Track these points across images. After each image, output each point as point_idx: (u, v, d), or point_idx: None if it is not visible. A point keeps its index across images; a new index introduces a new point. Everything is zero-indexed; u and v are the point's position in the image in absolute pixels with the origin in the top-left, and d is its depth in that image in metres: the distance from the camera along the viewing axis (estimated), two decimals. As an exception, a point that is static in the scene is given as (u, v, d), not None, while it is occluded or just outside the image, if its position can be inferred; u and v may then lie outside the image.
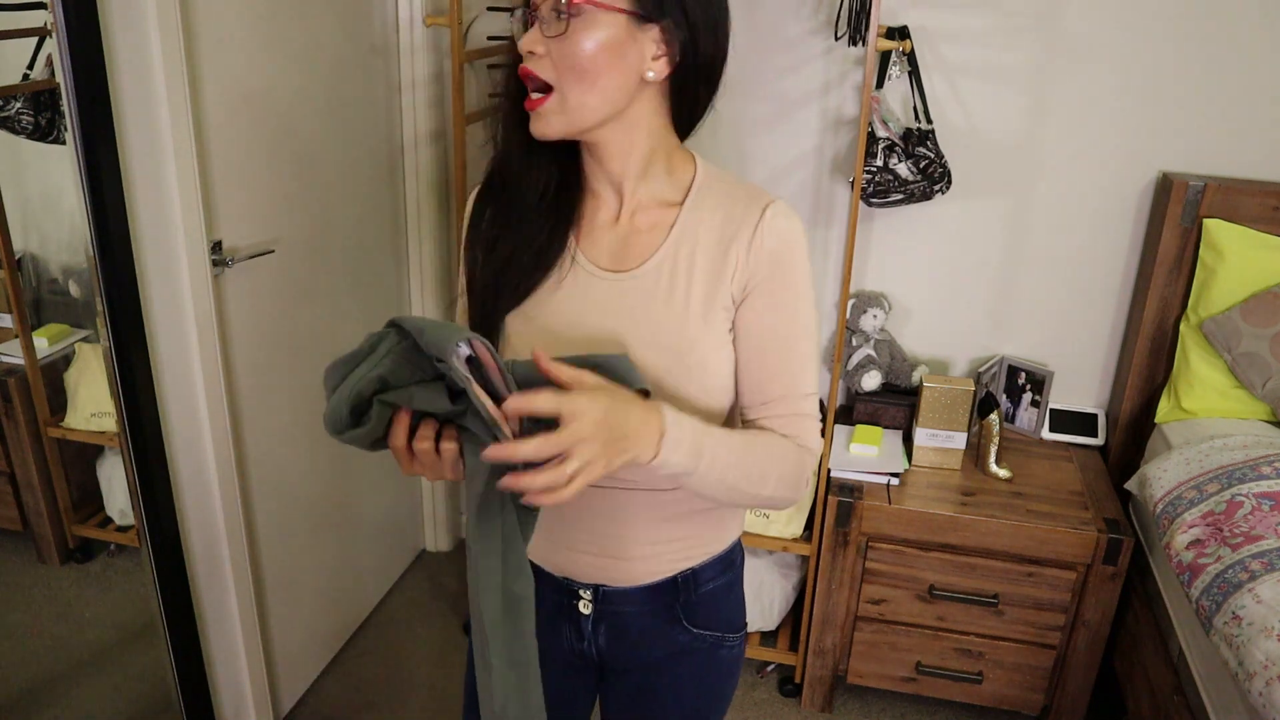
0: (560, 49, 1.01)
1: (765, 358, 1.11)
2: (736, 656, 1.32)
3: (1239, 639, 1.58)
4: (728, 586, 1.27)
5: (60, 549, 2.06)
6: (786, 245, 1.09)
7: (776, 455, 1.08)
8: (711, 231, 1.11)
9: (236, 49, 1.86)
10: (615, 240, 1.14)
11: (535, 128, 1.05)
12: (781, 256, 1.09)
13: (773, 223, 1.09)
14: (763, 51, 2.41)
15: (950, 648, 2.29)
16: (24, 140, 1.74)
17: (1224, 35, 2.22)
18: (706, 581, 1.24)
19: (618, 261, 1.12)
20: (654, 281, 1.10)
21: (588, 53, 1.01)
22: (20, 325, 1.86)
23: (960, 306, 2.56)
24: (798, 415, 1.11)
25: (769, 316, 1.09)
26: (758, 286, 1.09)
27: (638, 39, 1.03)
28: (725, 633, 1.28)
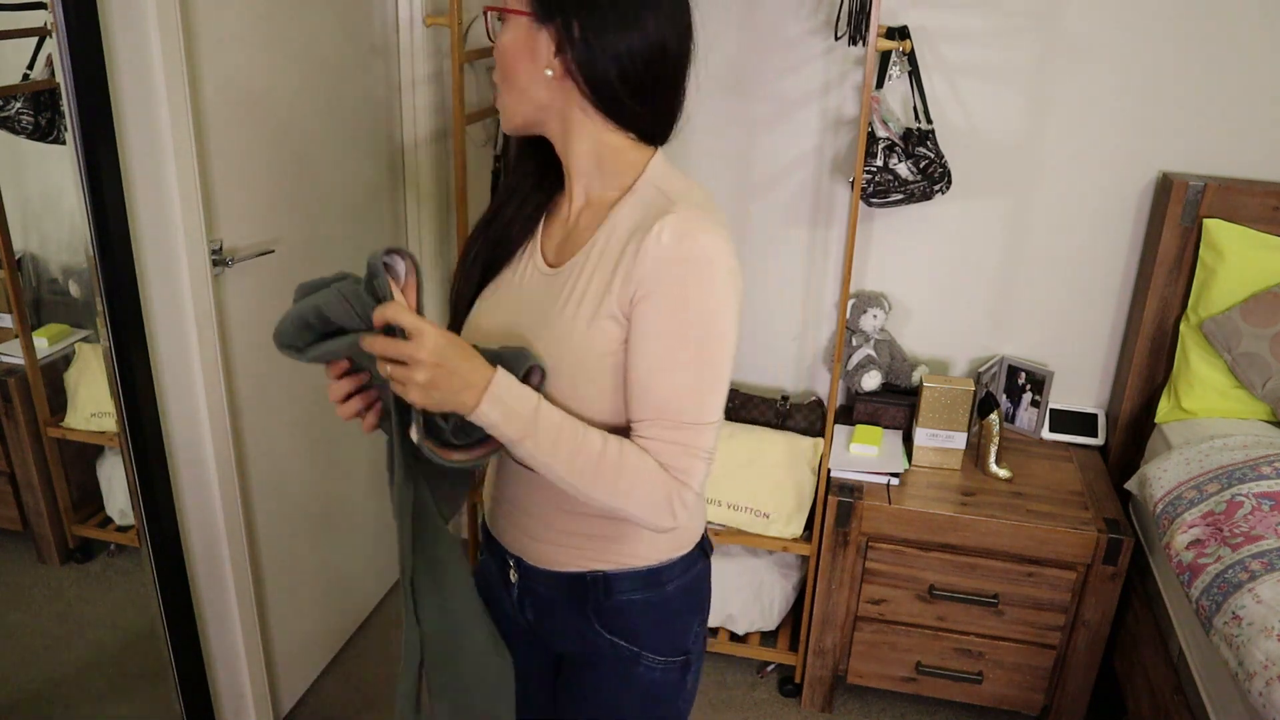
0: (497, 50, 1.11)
1: (635, 380, 1.06)
2: (662, 681, 1.27)
3: (1239, 639, 1.58)
4: (650, 605, 1.23)
5: (60, 549, 2.06)
6: (672, 262, 1.02)
7: (627, 468, 1.04)
8: (623, 236, 1.08)
9: (236, 49, 1.86)
10: (562, 235, 1.17)
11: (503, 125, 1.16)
12: (660, 272, 1.03)
13: (659, 236, 1.03)
14: (763, 51, 2.41)
15: (950, 648, 2.29)
16: (24, 140, 1.74)
17: (1224, 35, 2.22)
18: (621, 592, 1.22)
19: (557, 256, 1.16)
20: (566, 280, 1.12)
21: (503, 54, 1.10)
22: (20, 325, 1.86)
23: (960, 306, 2.56)
24: (673, 444, 1.05)
25: (637, 338, 1.05)
26: (640, 301, 1.04)
27: (538, 39, 1.08)
28: (646, 650, 1.24)
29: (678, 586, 1.25)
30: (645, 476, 1.05)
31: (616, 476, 1.04)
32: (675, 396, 1.05)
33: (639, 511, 1.06)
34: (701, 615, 1.30)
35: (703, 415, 1.06)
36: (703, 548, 1.29)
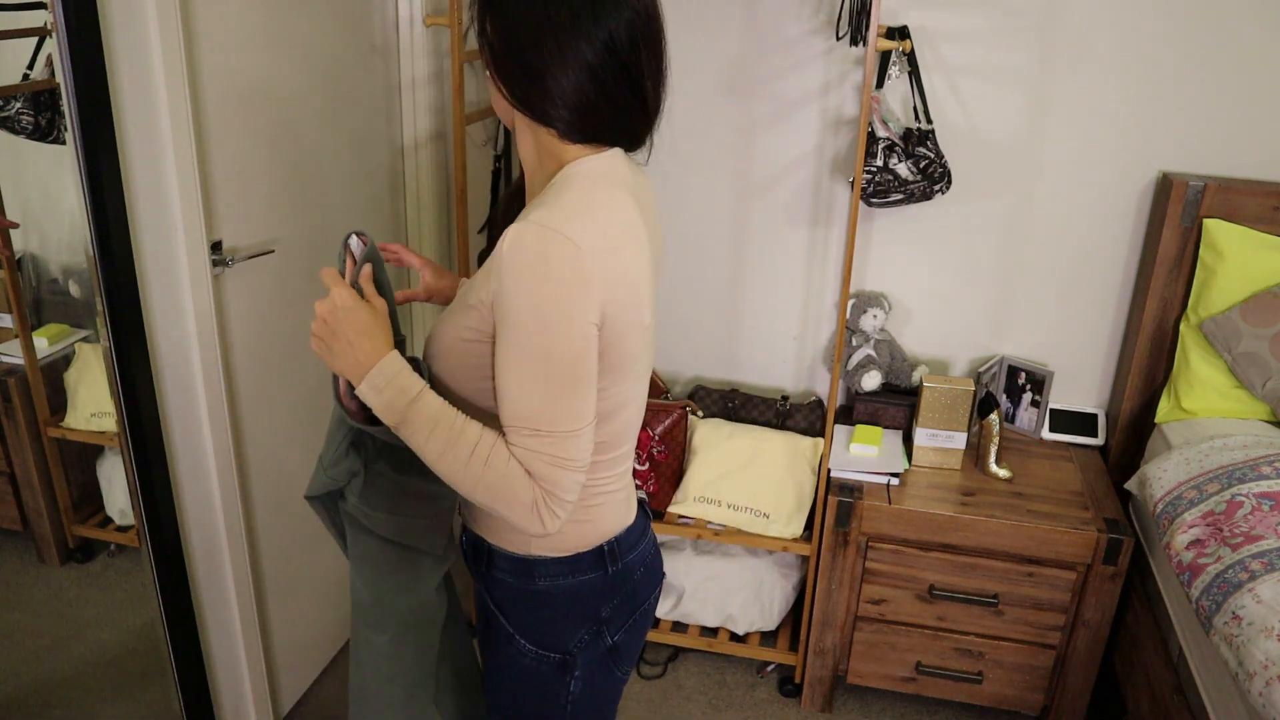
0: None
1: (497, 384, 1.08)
2: (536, 671, 1.27)
3: (1239, 639, 1.58)
4: (520, 592, 1.25)
5: (60, 549, 2.06)
6: (507, 269, 1.03)
7: (494, 468, 1.05)
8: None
9: (236, 49, 1.86)
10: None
11: None
12: (503, 281, 1.03)
13: (501, 243, 1.04)
14: (763, 51, 2.41)
15: (950, 648, 2.29)
16: (24, 140, 1.74)
17: (1224, 36, 2.22)
18: (497, 568, 1.27)
19: None
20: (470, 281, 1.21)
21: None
22: (20, 325, 1.86)
23: (960, 306, 2.56)
24: (536, 454, 1.05)
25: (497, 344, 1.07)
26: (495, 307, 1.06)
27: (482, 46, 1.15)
28: (519, 634, 1.26)
29: (554, 585, 1.24)
30: (511, 481, 1.05)
31: (483, 475, 1.05)
32: (527, 406, 1.05)
33: (507, 513, 1.07)
34: (595, 628, 1.26)
35: (558, 424, 1.05)
36: (602, 560, 1.25)
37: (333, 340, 1.09)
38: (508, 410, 1.06)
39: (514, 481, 1.05)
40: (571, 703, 1.29)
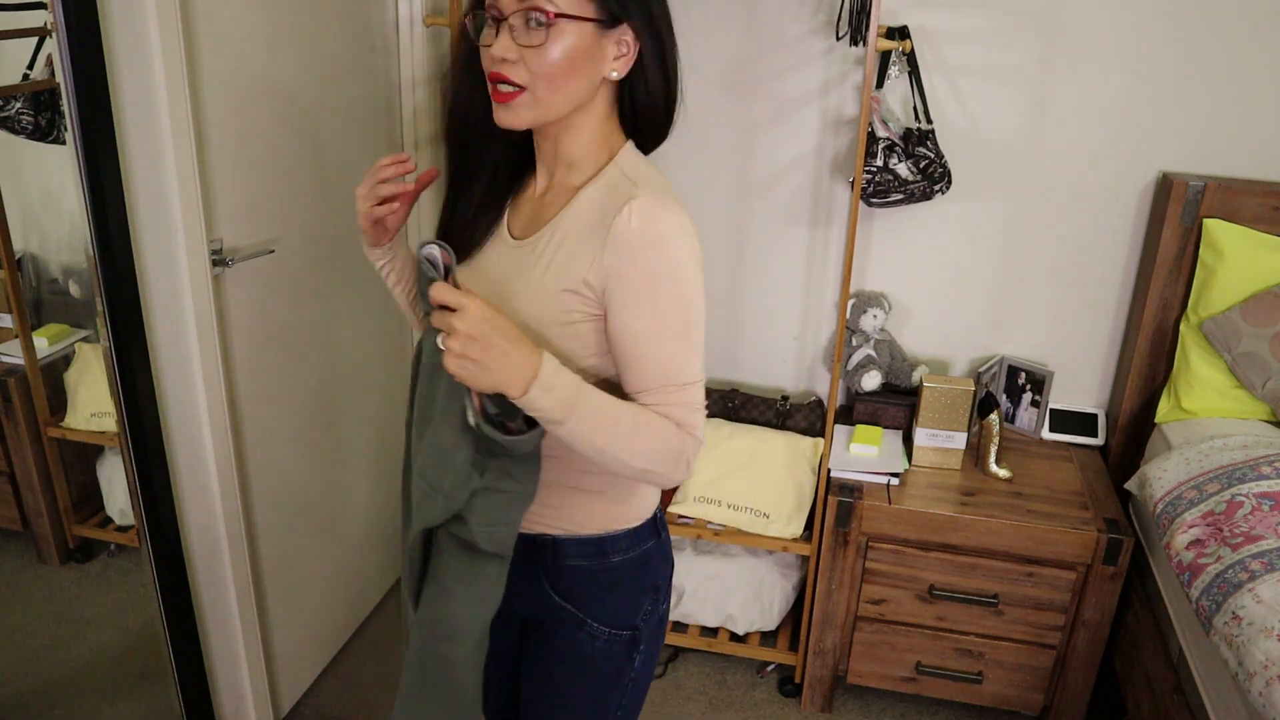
0: (535, 57, 1.09)
1: (629, 358, 1.14)
2: (604, 652, 1.31)
3: (1239, 639, 1.58)
4: (595, 573, 1.29)
5: (60, 549, 2.06)
6: (642, 240, 1.10)
7: (652, 430, 1.11)
8: (588, 217, 1.15)
9: (236, 49, 1.86)
10: (529, 212, 1.24)
11: (502, 118, 1.14)
12: (636, 252, 1.10)
13: (628, 217, 1.10)
14: (763, 51, 2.41)
15: (950, 648, 2.29)
16: (24, 140, 1.74)
17: (1224, 35, 2.22)
18: (569, 556, 1.27)
19: (522, 231, 1.23)
20: (532, 253, 1.18)
21: (559, 61, 1.10)
22: (20, 325, 1.86)
23: (960, 306, 2.56)
24: (675, 404, 1.13)
25: (631, 319, 1.12)
26: (617, 282, 1.11)
27: (601, 44, 1.12)
28: (591, 619, 1.29)
29: (625, 560, 1.30)
30: (664, 436, 1.12)
31: (645, 440, 1.11)
32: (668, 364, 1.13)
33: (662, 468, 1.13)
34: (654, 596, 1.33)
35: (693, 374, 1.14)
36: (655, 526, 1.33)
37: (485, 354, 1.02)
38: (648, 373, 1.13)
39: (668, 435, 1.12)
40: (632, 680, 1.35)
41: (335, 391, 2.38)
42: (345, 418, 2.44)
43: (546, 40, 1.08)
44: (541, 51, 1.09)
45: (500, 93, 1.12)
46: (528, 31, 1.08)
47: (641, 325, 1.12)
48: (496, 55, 1.09)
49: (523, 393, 1.04)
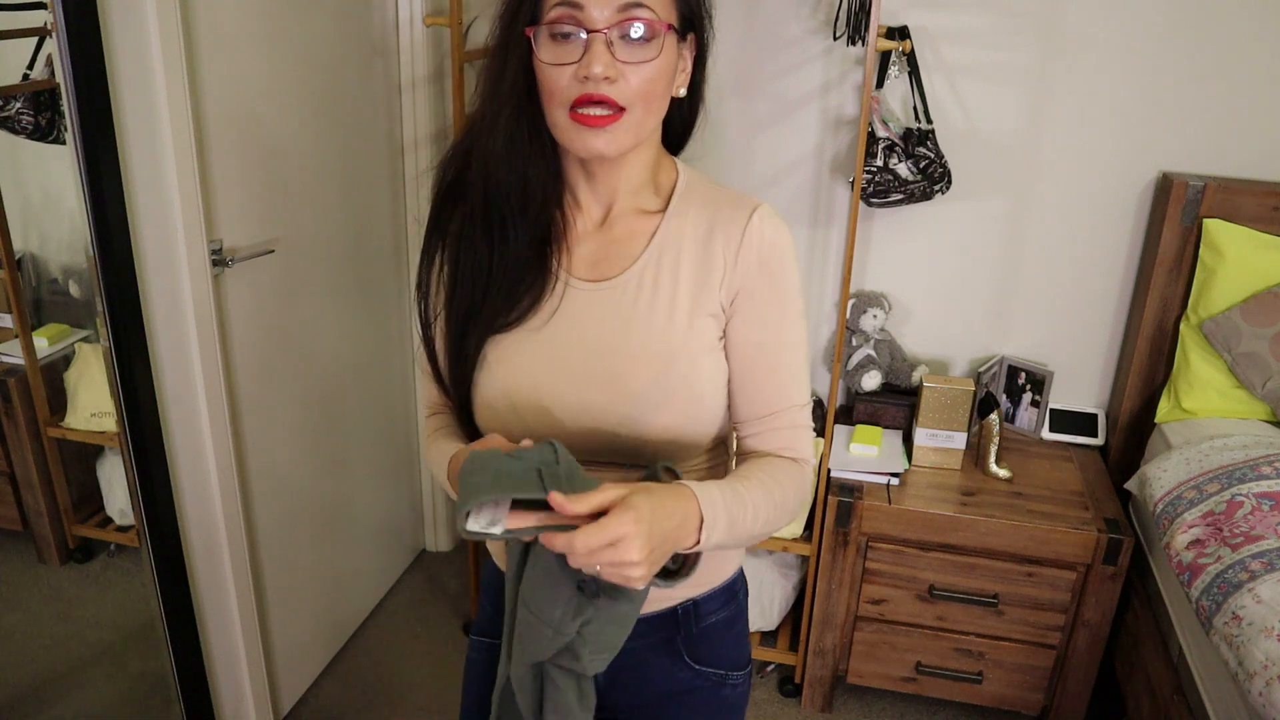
0: (637, 74, 0.99)
1: (757, 373, 1.09)
2: (741, 695, 1.26)
3: (1239, 639, 1.58)
4: (730, 620, 1.23)
5: (60, 549, 2.06)
6: (774, 250, 1.07)
7: (786, 485, 1.07)
8: (696, 237, 1.09)
9: (236, 49, 1.86)
10: (595, 249, 1.12)
11: (594, 145, 1.00)
12: (769, 263, 1.07)
13: (760, 227, 1.07)
14: (763, 51, 2.41)
15: (950, 648, 2.29)
16: (24, 140, 1.74)
17: (1224, 35, 2.22)
18: (709, 614, 1.20)
19: (597, 271, 1.10)
20: (636, 289, 1.08)
21: (659, 76, 1.01)
22: (20, 325, 1.86)
23: (960, 306, 2.56)
24: (792, 428, 1.10)
25: (758, 331, 1.08)
26: (746, 296, 1.07)
27: (678, 56, 1.05)
28: (729, 670, 1.23)
29: (744, 591, 1.27)
30: (793, 483, 1.08)
31: (784, 502, 1.06)
32: (792, 382, 1.10)
33: (792, 516, 1.09)
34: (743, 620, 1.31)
35: (805, 392, 1.12)
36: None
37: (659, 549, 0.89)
38: (774, 391, 1.09)
39: (799, 475, 1.09)
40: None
41: (335, 391, 2.38)
42: (345, 417, 2.44)
43: (657, 55, 0.99)
44: (645, 68, 0.99)
45: (594, 117, 0.98)
46: (629, 45, 0.98)
47: (770, 338, 1.08)
48: (597, 74, 0.96)
49: (694, 544, 0.95)
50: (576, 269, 1.11)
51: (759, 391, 1.09)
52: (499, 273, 1.08)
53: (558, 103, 0.99)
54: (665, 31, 0.98)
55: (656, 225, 1.10)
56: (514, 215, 1.08)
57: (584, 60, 0.97)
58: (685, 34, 1.04)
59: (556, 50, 0.98)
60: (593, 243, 1.12)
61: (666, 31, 0.99)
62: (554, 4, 0.98)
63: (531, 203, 1.08)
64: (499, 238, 1.08)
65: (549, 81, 0.99)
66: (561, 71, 0.98)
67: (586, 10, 0.96)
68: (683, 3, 1.03)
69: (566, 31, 0.97)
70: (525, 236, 1.08)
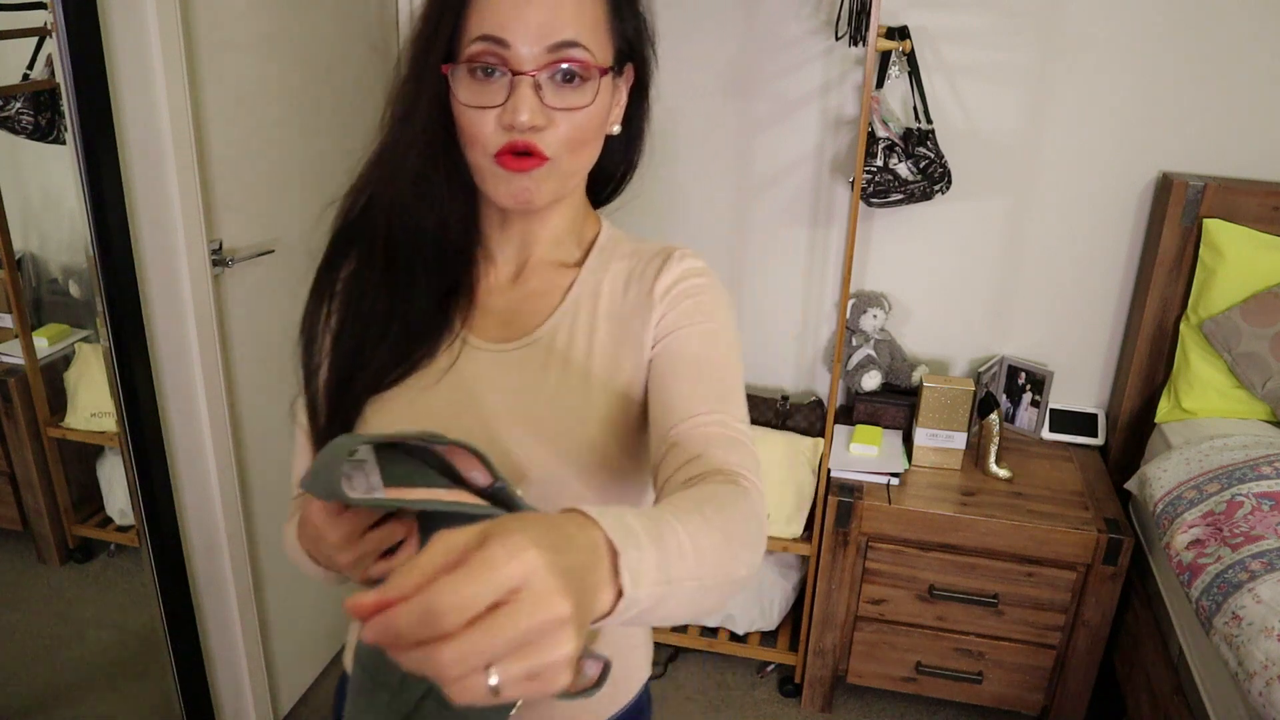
0: (567, 121, 0.87)
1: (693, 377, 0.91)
2: None
3: (1239, 639, 1.58)
4: None
5: (60, 549, 2.06)
6: (700, 281, 0.96)
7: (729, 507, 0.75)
8: (615, 290, 0.97)
9: (236, 49, 1.86)
10: (504, 307, 0.99)
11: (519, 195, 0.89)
12: (696, 291, 0.95)
13: (678, 264, 0.96)
14: (763, 51, 2.41)
15: (950, 648, 2.29)
16: (24, 140, 1.74)
17: (1224, 35, 2.22)
18: None
19: (503, 331, 0.97)
20: (548, 349, 0.95)
21: (591, 123, 0.90)
22: (20, 325, 1.86)
23: (960, 306, 2.56)
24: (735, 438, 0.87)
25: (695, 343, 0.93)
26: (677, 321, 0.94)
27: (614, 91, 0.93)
28: None
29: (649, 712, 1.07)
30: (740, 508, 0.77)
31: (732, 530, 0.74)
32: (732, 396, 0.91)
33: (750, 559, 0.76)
34: None
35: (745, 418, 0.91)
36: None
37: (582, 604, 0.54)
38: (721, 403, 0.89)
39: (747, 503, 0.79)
40: None
41: (335, 391, 2.38)
42: (345, 418, 2.44)
43: (590, 100, 0.88)
44: (576, 115, 0.87)
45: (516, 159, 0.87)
46: (559, 89, 0.86)
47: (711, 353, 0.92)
48: (523, 122, 0.85)
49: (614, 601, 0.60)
50: (479, 328, 0.98)
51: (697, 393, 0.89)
52: (395, 325, 0.95)
53: (479, 150, 0.88)
54: (601, 75, 0.88)
55: (574, 279, 0.99)
56: (423, 266, 0.96)
57: (509, 105, 0.85)
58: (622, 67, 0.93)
59: (477, 90, 0.86)
60: (502, 299, 1.00)
61: (603, 75, 0.88)
62: (475, 37, 0.85)
63: (446, 252, 0.97)
64: (403, 287, 0.96)
65: (469, 126, 0.88)
66: (484, 116, 0.86)
67: (513, 48, 0.84)
68: (619, 36, 0.92)
69: (489, 68, 0.86)
70: (432, 288, 0.96)
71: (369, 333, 0.96)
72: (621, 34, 0.92)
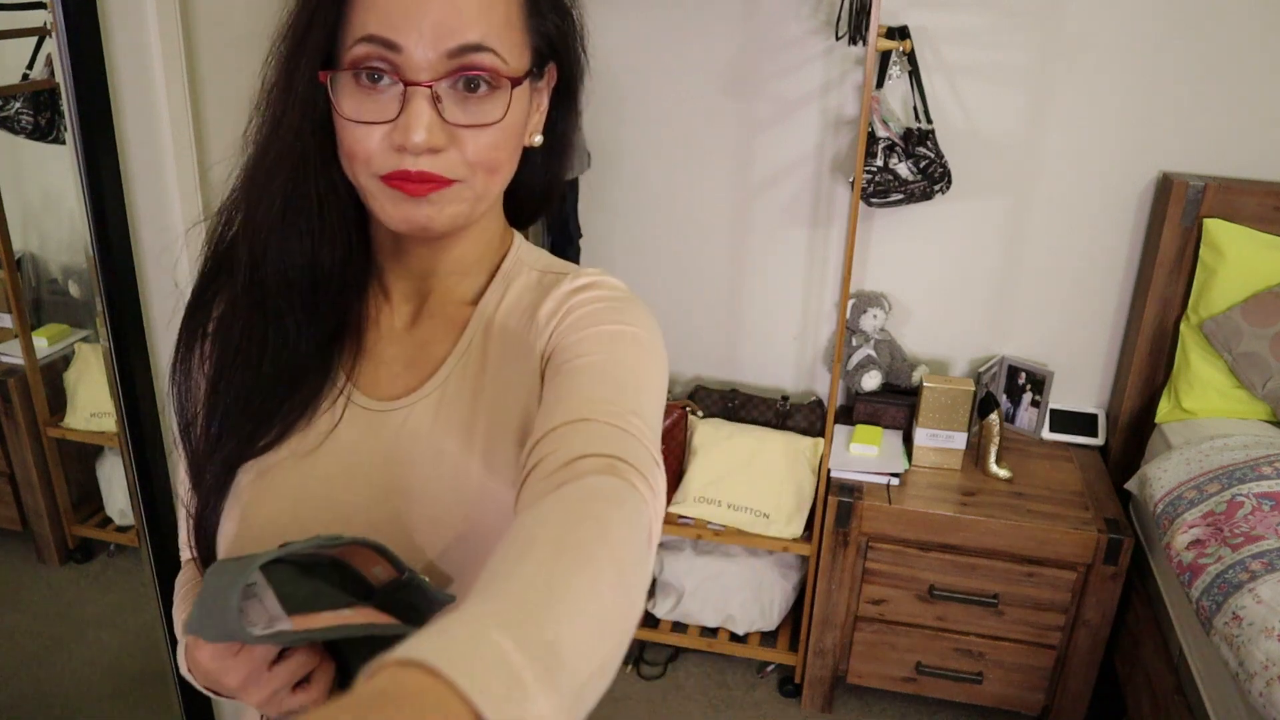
0: (475, 140, 0.74)
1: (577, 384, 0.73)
2: None
3: (1239, 639, 1.58)
4: None
5: (60, 549, 2.06)
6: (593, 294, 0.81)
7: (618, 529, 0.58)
8: (506, 323, 0.83)
9: (237, 50, 1.86)
10: (401, 355, 0.85)
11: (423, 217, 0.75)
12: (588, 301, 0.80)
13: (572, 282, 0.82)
14: (763, 51, 2.41)
15: (950, 648, 2.29)
16: (24, 140, 1.74)
17: (1224, 35, 2.22)
18: None
19: (396, 385, 0.83)
20: (435, 408, 0.81)
21: (504, 140, 0.76)
22: (20, 325, 1.86)
23: (960, 306, 2.56)
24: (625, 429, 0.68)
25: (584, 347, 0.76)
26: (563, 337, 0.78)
27: (530, 101, 0.80)
28: None
29: None
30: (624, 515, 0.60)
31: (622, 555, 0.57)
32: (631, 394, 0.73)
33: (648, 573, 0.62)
34: None
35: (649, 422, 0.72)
36: None
37: None
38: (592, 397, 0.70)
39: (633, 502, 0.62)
40: None
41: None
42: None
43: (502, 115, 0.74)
44: (485, 134, 0.74)
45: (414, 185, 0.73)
46: (464, 102, 0.73)
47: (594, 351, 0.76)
48: (418, 144, 0.71)
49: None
50: (367, 382, 0.84)
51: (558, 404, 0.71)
52: (264, 380, 0.81)
53: (362, 169, 0.75)
54: (515, 85, 0.75)
55: (469, 316, 0.84)
56: (295, 309, 0.81)
57: (400, 122, 0.71)
58: (542, 69, 0.80)
59: (362, 100, 0.73)
60: (396, 347, 0.85)
61: (515, 85, 0.75)
62: (358, 38, 0.72)
63: (322, 292, 0.81)
64: (274, 333, 0.81)
65: (351, 143, 0.74)
66: (369, 133, 0.73)
67: (405, 52, 0.71)
68: (537, 34, 0.78)
69: (376, 74, 0.72)
70: (308, 335, 0.81)
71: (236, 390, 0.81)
72: (539, 31, 0.78)
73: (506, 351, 0.82)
